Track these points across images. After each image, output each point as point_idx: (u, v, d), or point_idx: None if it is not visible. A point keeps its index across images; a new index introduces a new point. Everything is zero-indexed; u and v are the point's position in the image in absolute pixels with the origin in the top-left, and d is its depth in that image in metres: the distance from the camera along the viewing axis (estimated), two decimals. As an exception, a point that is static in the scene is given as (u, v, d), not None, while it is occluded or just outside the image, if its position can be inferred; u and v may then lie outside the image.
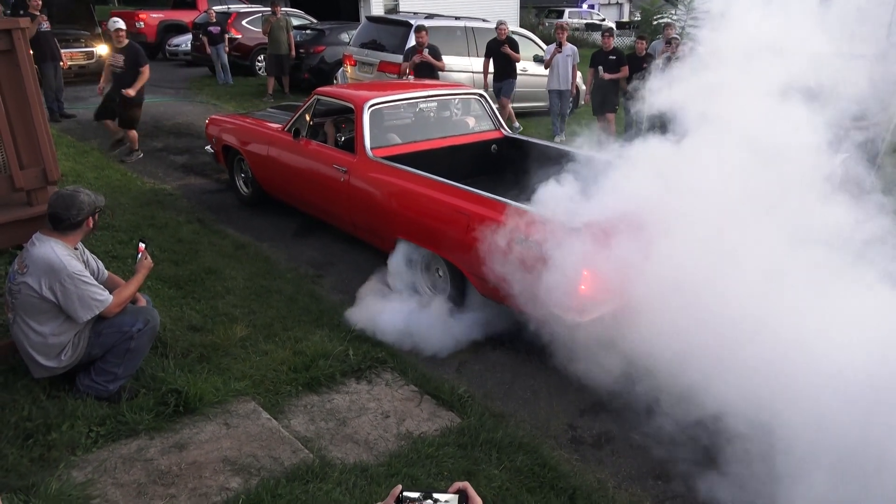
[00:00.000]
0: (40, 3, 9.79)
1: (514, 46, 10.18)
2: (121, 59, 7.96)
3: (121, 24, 8.12)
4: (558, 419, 3.71)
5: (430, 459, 3.18)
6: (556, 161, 4.67)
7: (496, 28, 10.25)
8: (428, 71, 9.30)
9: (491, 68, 10.32)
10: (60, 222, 3.24)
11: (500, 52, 10.11)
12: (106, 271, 3.64)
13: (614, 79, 9.58)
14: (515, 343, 4.36)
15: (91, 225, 3.37)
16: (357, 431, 3.42)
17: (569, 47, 10.00)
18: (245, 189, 6.98)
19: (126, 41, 8.04)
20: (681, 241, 3.37)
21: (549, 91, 10.22)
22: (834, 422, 2.81)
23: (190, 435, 3.24)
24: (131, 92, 7.82)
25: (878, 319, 2.99)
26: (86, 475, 2.93)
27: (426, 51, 9.39)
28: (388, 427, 3.48)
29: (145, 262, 3.60)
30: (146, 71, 8.00)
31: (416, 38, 9.41)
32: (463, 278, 4.43)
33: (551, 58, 9.97)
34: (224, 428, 3.31)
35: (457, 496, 1.43)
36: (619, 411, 3.69)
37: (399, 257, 4.76)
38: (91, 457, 3.04)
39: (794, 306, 3.14)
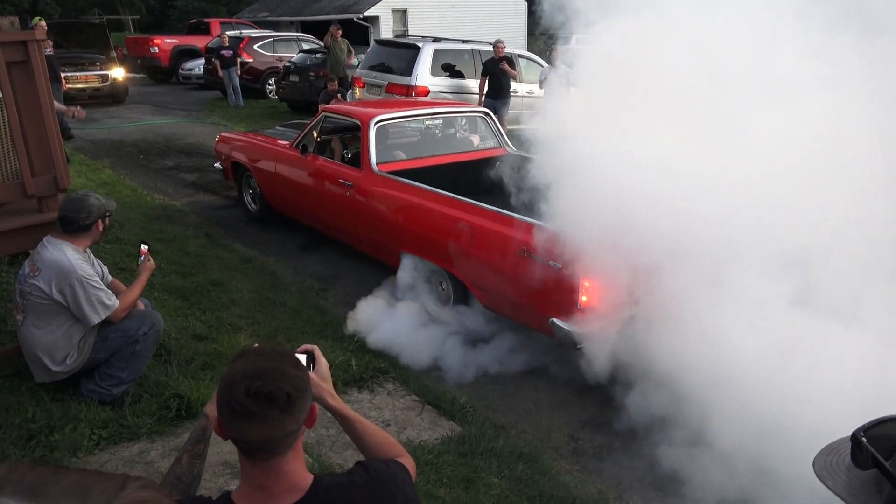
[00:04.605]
0: (45, 27, 10.07)
1: (512, 64, 10.35)
2: None
3: None
4: (560, 430, 3.70)
5: (429, 466, 3.17)
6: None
7: (493, 46, 10.42)
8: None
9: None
10: (70, 224, 3.28)
11: (498, 69, 10.27)
12: (110, 276, 3.68)
13: None
14: (518, 356, 4.35)
15: (101, 229, 3.40)
16: (357, 439, 3.42)
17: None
18: (253, 205, 7.05)
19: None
20: (687, 252, 3.34)
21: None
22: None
23: (191, 439, 3.25)
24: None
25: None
26: (86, 476, 2.94)
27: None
28: (389, 435, 3.47)
29: (147, 264, 3.63)
30: None
31: None
32: (466, 291, 4.46)
33: (545, 77, 10.24)
34: (225, 432, 3.32)
35: (305, 355, 1.61)
36: (622, 423, 3.67)
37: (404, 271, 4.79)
38: (93, 459, 3.06)
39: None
